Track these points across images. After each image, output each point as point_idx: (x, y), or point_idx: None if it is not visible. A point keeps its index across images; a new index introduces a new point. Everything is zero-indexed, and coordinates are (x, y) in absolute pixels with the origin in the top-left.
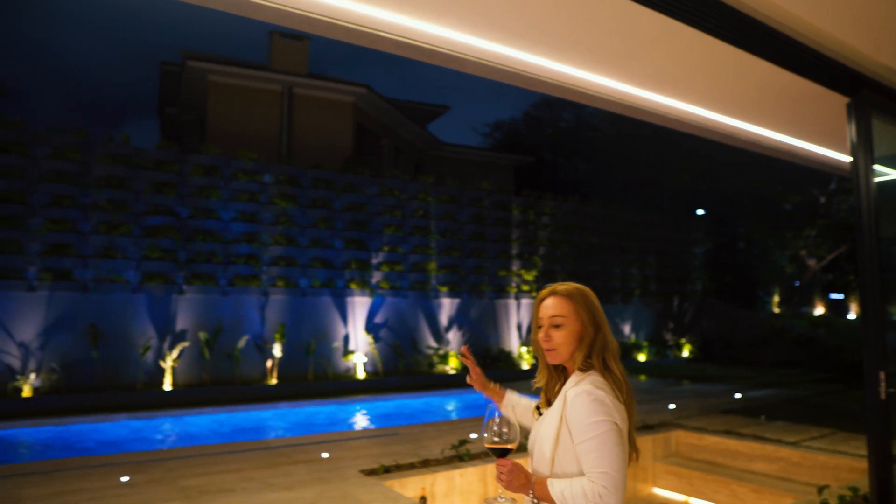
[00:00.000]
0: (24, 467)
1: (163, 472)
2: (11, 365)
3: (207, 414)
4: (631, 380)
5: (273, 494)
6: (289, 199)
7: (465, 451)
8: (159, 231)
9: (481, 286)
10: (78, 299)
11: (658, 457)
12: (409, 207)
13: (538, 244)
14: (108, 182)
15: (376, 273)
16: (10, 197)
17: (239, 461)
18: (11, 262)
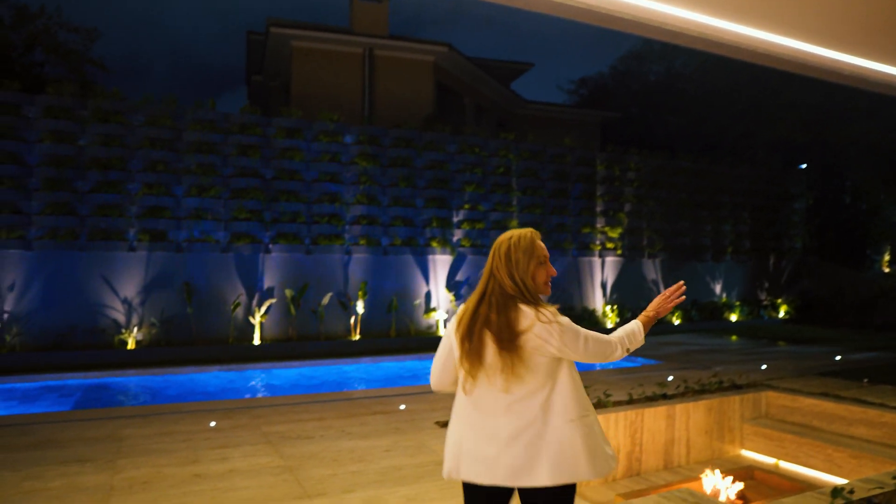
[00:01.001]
0: (126, 410)
1: (248, 419)
2: (117, 319)
3: (293, 367)
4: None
5: (349, 442)
6: (369, 158)
7: None
8: (246, 193)
9: (564, 244)
10: (173, 259)
11: (746, 417)
12: (490, 165)
13: (624, 201)
14: (197, 147)
15: (457, 231)
16: (112, 164)
17: (320, 411)
18: (114, 225)
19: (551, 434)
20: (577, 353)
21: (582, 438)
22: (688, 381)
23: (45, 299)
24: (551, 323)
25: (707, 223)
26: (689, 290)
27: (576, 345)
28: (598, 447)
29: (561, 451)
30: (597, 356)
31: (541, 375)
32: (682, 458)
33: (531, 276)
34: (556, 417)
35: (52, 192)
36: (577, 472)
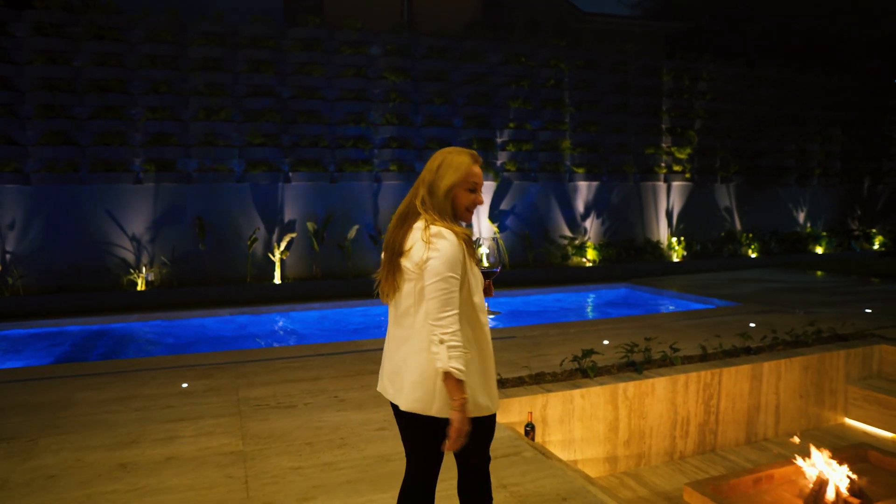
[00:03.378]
0: (95, 366)
1: (230, 379)
2: (126, 259)
3: (314, 310)
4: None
5: (337, 414)
6: (400, 72)
7: (591, 363)
8: (260, 114)
9: (625, 167)
10: (183, 190)
11: (852, 378)
12: (539, 77)
13: (694, 116)
14: (204, 64)
15: (501, 154)
16: (110, 86)
17: (318, 367)
18: (117, 154)
19: (414, 359)
20: (424, 283)
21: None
22: (776, 329)
23: (48, 238)
24: (428, 245)
25: (791, 141)
26: (768, 219)
27: (430, 274)
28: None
29: (419, 379)
30: (432, 304)
31: (415, 296)
32: (770, 429)
33: (451, 195)
34: (420, 344)
35: (47, 119)
36: (430, 407)
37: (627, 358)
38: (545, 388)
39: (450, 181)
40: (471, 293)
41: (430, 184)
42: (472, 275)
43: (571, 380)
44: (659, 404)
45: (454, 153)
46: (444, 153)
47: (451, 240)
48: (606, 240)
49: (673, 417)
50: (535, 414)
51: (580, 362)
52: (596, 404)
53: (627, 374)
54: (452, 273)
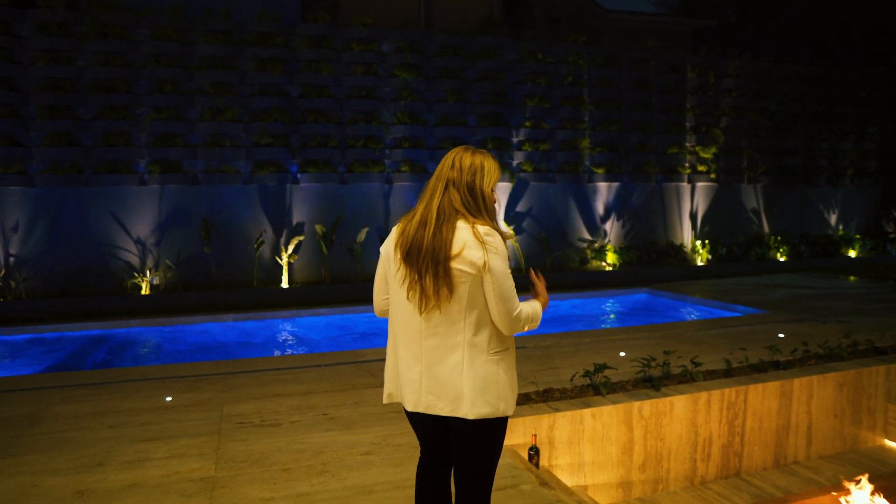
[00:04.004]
0: (79, 377)
1: (217, 392)
2: (130, 262)
3: (321, 315)
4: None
5: (323, 435)
6: (412, 69)
7: (604, 379)
8: (268, 114)
9: (646, 167)
10: (189, 192)
11: (893, 396)
12: (557, 74)
13: (719, 114)
14: (210, 63)
15: (517, 153)
16: (115, 86)
17: (311, 380)
18: (122, 156)
19: (473, 364)
20: (494, 284)
21: (505, 372)
22: (807, 341)
23: (52, 241)
24: (483, 242)
25: (822, 139)
26: (798, 221)
27: (498, 275)
28: (515, 382)
29: (482, 384)
30: (504, 304)
31: (466, 300)
32: (801, 451)
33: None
34: (479, 347)
35: (51, 120)
36: (498, 408)
37: (644, 373)
38: (553, 407)
39: (492, 182)
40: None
41: (468, 185)
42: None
43: (582, 397)
44: (678, 424)
45: (484, 154)
46: (470, 153)
47: (500, 239)
48: (627, 243)
49: (693, 439)
50: (540, 435)
51: (592, 378)
52: (608, 424)
53: (644, 390)
54: (510, 270)
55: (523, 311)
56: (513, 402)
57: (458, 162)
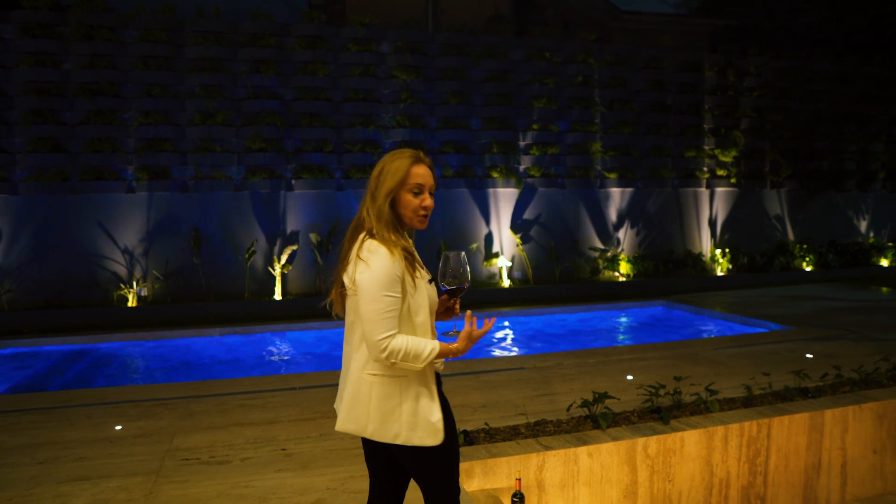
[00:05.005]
0: (28, 400)
1: (172, 420)
2: (118, 272)
3: (312, 329)
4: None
5: (273, 476)
6: (411, 70)
7: (604, 410)
8: (261, 118)
9: (662, 171)
10: (178, 200)
11: None
12: (566, 74)
13: (740, 115)
14: (200, 64)
15: (524, 158)
16: (102, 89)
17: (282, 406)
18: (109, 162)
19: (352, 377)
20: (359, 303)
21: (378, 398)
22: (840, 364)
23: (37, 251)
24: (359, 261)
25: (851, 141)
26: (825, 228)
27: (362, 294)
28: (399, 414)
29: (352, 399)
30: (366, 326)
31: (353, 314)
32: (834, 493)
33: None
34: (359, 363)
35: (36, 125)
36: (364, 428)
37: (651, 403)
38: (543, 444)
39: (389, 186)
40: (411, 313)
41: (372, 192)
42: (417, 292)
43: (579, 431)
44: (690, 464)
45: (393, 156)
46: (385, 158)
47: (383, 255)
48: (642, 252)
49: (708, 480)
50: (527, 478)
51: (591, 408)
52: (608, 465)
53: (651, 423)
54: (389, 292)
55: (394, 343)
56: (391, 433)
57: (374, 169)
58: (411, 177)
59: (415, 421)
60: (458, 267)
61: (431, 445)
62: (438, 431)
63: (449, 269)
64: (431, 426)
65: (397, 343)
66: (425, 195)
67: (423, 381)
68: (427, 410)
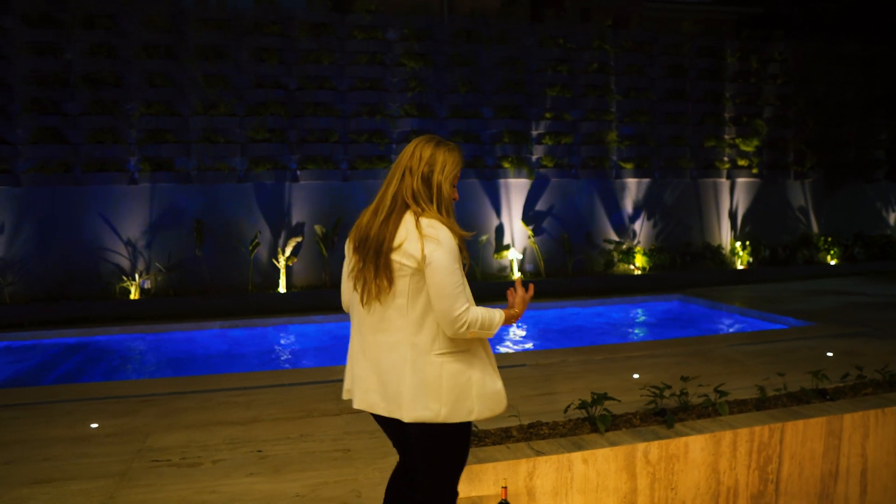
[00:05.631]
0: (15, 395)
1: (152, 418)
2: (121, 265)
3: (315, 323)
4: None
5: (242, 480)
6: (420, 57)
7: (603, 412)
8: (265, 108)
9: (680, 161)
10: (181, 191)
11: None
12: (580, 61)
13: (763, 103)
14: (202, 53)
15: (537, 147)
16: (103, 79)
17: (266, 404)
18: (111, 153)
19: (415, 364)
20: (433, 279)
21: (451, 376)
22: (862, 364)
23: (40, 243)
24: (427, 238)
25: (880, 130)
26: (851, 220)
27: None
28: (470, 388)
29: (422, 385)
30: (444, 301)
31: (408, 295)
32: (852, 503)
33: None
34: (422, 347)
35: (38, 116)
36: (438, 413)
37: (655, 405)
38: (534, 449)
39: (454, 175)
40: (465, 287)
41: (424, 176)
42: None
43: (575, 434)
44: (695, 470)
45: (448, 146)
46: (433, 143)
47: (447, 231)
48: (658, 244)
49: (715, 488)
50: (517, 484)
51: (588, 410)
52: (605, 472)
53: (653, 426)
54: (458, 266)
55: (471, 314)
56: (465, 411)
57: (418, 151)
58: (462, 164)
59: (483, 392)
60: None
61: (499, 413)
62: (504, 398)
63: None
64: (498, 394)
65: (474, 313)
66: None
67: (486, 352)
68: (492, 380)
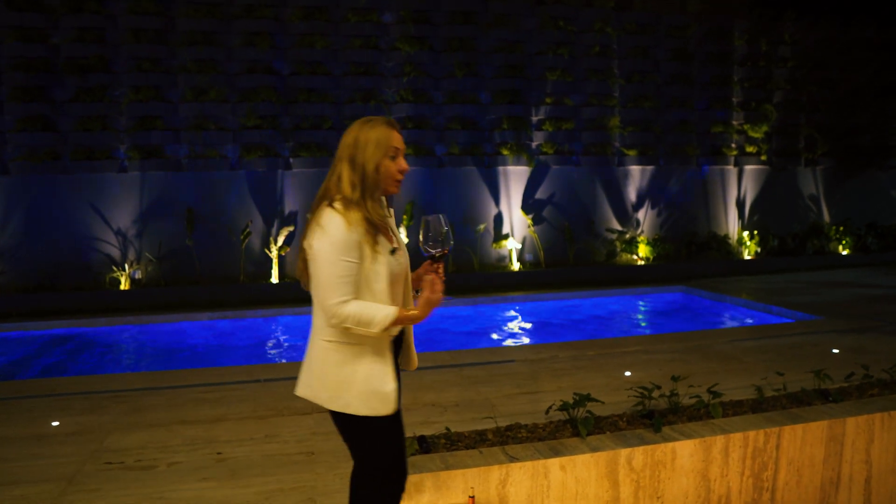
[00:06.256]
0: None
1: (115, 416)
2: (111, 255)
3: (306, 314)
4: None
5: (193, 487)
6: (416, 41)
7: (585, 414)
8: (256, 94)
9: (686, 148)
10: (172, 179)
11: None
12: (582, 43)
13: (772, 87)
14: (192, 38)
15: (537, 134)
16: (91, 65)
17: (237, 401)
18: (100, 141)
19: (312, 344)
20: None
21: (336, 365)
22: (868, 363)
23: (29, 233)
24: (317, 227)
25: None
26: (864, 209)
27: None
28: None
29: (307, 365)
30: (319, 293)
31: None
32: None
33: (376, 167)
34: (317, 329)
35: (25, 103)
36: (318, 395)
37: (643, 406)
38: (509, 454)
39: (377, 155)
40: (370, 281)
41: (350, 160)
42: (376, 260)
43: (555, 438)
44: (683, 478)
45: (368, 124)
46: (357, 125)
47: (339, 221)
48: (663, 234)
49: (704, 496)
50: (489, 493)
51: (570, 412)
52: (584, 479)
53: (640, 430)
54: (345, 257)
55: (347, 308)
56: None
57: (343, 138)
58: (395, 139)
59: (367, 390)
60: (439, 231)
61: (383, 415)
62: (391, 402)
63: (430, 234)
64: (382, 396)
65: (351, 308)
66: (400, 158)
67: (378, 349)
68: (380, 379)
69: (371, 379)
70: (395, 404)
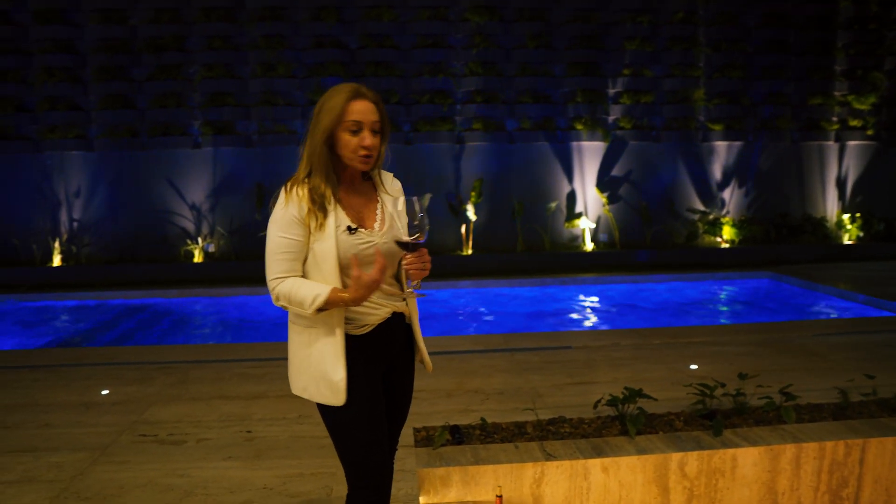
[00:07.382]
0: (49, 356)
1: (160, 387)
2: (186, 228)
3: None
4: None
5: (217, 465)
6: (486, 11)
7: (635, 411)
8: (324, 68)
9: (779, 122)
10: (243, 155)
11: None
12: (663, 10)
13: (883, 53)
14: (261, 14)
15: (614, 108)
16: (166, 44)
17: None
18: (175, 117)
19: None
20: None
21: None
22: None
23: (112, 206)
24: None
25: None
26: None
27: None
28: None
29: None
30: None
31: None
32: None
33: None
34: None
35: (106, 82)
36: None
37: (704, 405)
38: (546, 451)
39: (325, 125)
40: (317, 259)
41: (310, 132)
42: (324, 238)
43: (600, 436)
44: (744, 489)
45: (331, 92)
46: (324, 96)
47: (280, 198)
48: (750, 215)
49: None
50: (521, 492)
51: (619, 407)
52: (629, 484)
53: (697, 432)
54: (284, 233)
55: (283, 285)
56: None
57: None
58: (348, 114)
59: (318, 377)
60: (413, 216)
61: (334, 405)
62: (340, 392)
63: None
64: (332, 385)
65: (284, 286)
66: (365, 133)
67: (330, 334)
68: (331, 365)
69: (321, 364)
70: (345, 395)
